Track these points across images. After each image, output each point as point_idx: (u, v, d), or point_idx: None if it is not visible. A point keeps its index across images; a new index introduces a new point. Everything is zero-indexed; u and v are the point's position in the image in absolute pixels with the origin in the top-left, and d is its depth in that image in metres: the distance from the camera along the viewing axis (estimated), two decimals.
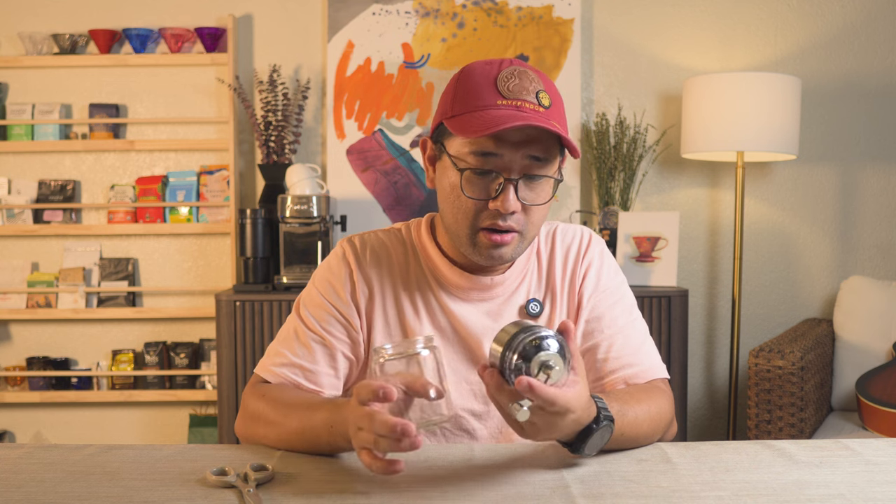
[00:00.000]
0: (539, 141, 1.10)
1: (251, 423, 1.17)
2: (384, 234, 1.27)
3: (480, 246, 1.14)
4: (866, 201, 3.03)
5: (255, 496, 0.92)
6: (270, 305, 2.63)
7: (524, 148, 1.09)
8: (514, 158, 1.09)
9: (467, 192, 1.12)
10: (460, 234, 1.15)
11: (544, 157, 1.11)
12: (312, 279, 1.26)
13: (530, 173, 1.11)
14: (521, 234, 1.14)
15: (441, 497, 0.93)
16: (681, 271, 3.03)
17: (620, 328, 1.23)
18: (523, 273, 1.25)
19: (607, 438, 1.02)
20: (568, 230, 1.29)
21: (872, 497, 0.92)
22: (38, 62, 3.00)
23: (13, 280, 3.04)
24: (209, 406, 3.03)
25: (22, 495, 0.95)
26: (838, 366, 2.72)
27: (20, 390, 3.03)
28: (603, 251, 1.29)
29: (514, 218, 1.12)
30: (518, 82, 1.10)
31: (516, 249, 1.16)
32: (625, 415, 1.05)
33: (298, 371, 1.20)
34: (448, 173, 1.14)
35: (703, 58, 3.02)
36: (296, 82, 3.02)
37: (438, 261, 1.23)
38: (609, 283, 1.26)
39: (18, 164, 3.06)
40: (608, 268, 1.28)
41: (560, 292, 1.25)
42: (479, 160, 1.10)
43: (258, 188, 3.05)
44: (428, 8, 3.00)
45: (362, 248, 1.24)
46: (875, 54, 2.99)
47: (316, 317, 1.21)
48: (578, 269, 1.26)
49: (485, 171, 1.10)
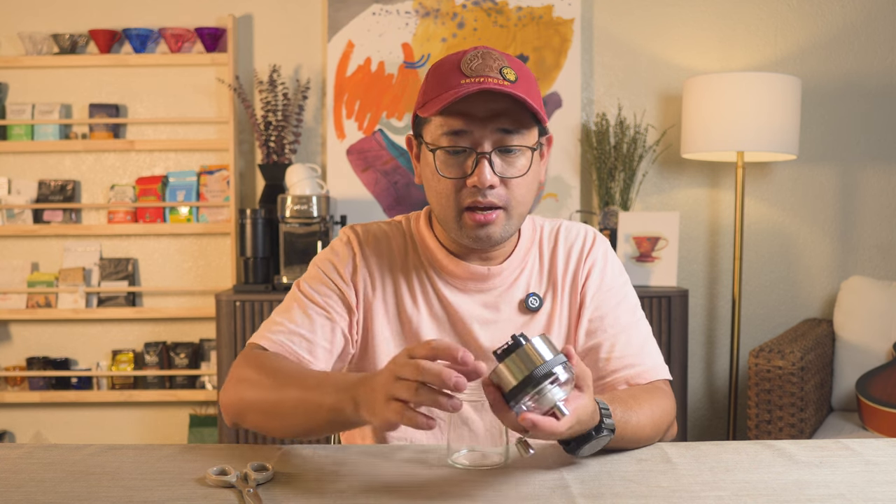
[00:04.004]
0: (507, 114, 1.12)
1: (239, 387, 1.12)
2: (386, 225, 1.29)
3: (466, 227, 1.15)
4: (866, 201, 3.03)
5: (255, 496, 0.92)
6: (270, 305, 2.63)
7: (492, 122, 1.12)
8: (484, 133, 1.12)
9: (442, 171, 1.14)
10: (447, 219, 1.17)
11: (514, 128, 1.13)
12: (314, 261, 1.26)
13: (503, 146, 1.13)
14: (505, 210, 1.15)
15: (441, 497, 0.93)
16: (681, 271, 3.03)
17: (623, 328, 1.23)
18: (522, 266, 1.25)
19: (604, 443, 1.03)
20: (573, 228, 1.29)
21: (872, 497, 0.92)
22: (38, 62, 3.00)
23: (13, 280, 3.04)
24: (209, 406, 3.03)
25: (22, 495, 0.95)
26: (838, 366, 2.72)
27: (20, 390, 3.03)
28: (607, 251, 1.29)
29: (494, 193, 1.13)
30: (481, 62, 1.12)
31: (505, 228, 1.16)
32: (627, 421, 1.05)
33: (297, 339, 1.18)
34: (427, 160, 1.17)
35: (703, 58, 3.02)
36: (296, 82, 3.02)
37: (436, 250, 1.24)
38: (613, 283, 1.26)
39: (18, 164, 3.06)
40: (612, 267, 1.28)
41: (561, 289, 1.25)
42: (450, 139, 1.13)
43: (258, 188, 3.05)
44: (428, 8, 3.00)
45: (365, 235, 1.26)
46: (875, 54, 2.99)
47: (317, 290, 1.21)
48: (582, 267, 1.26)
49: (458, 151, 1.13)
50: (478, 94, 1.10)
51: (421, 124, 1.18)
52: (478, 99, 1.11)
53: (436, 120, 1.14)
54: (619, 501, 0.91)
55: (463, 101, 1.10)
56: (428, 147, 1.16)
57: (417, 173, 1.23)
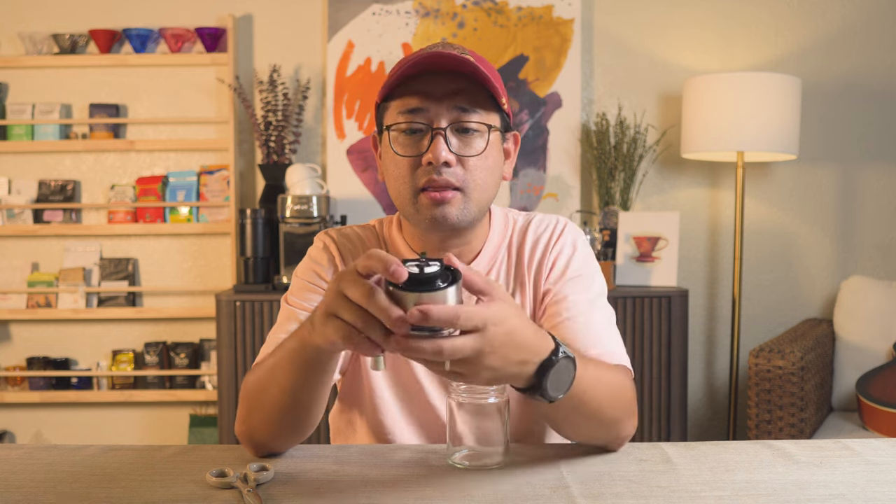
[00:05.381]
0: (465, 93, 1.12)
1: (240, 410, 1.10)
2: (360, 228, 1.29)
3: (422, 208, 1.13)
4: (866, 201, 3.03)
5: (254, 496, 0.92)
6: (270, 305, 2.63)
7: (449, 100, 1.11)
8: (440, 111, 1.11)
9: (398, 149, 1.13)
10: (403, 203, 1.15)
11: (471, 107, 1.12)
12: (295, 273, 1.26)
13: (459, 123, 1.12)
14: (462, 192, 1.12)
15: (441, 497, 0.93)
16: (681, 271, 3.03)
17: (581, 311, 1.17)
18: (492, 263, 1.23)
19: (571, 377, 0.93)
20: (543, 220, 1.26)
21: (872, 497, 0.92)
22: (38, 62, 3.00)
23: (13, 280, 3.04)
24: (209, 406, 3.03)
25: (22, 495, 0.95)
26: (838, 366, 2.72)
27: (20, 390, 3.03)
28: (576, 241, 1.24)
29: (450, 172, 1.11)
30: (441, 46, 1.13)
31: (462, 211, 1.13)
32: (585, 366, 0.97)
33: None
34: (386, 147, 1.16)
35: (703, 58, 3.02)
36: (296, 82, 3.02)
37: (406, 252, 1.23)
38: (578, 272, 1.21)
39: (18, 164, 3.06)
40: (579, 257, 1.23)
41: (527, 281, 1.22)
42: (407, 117, 1.12)
43: (258, 188, 3.05)
44: (428, 8, 3.00)
45: (341, 238, 1.26)
46: (875, 54, 2.99)
47: (302, 298, 1.21)
48: (547, 257, 1.22)
49: (414, 130, 1.12)
50: (435, 74, 1.10)
51: (382, 115, 1.18)
52: (435, 79, 1.11)
53: (394, 103, 1.14)
54: (619, 501, 0.91)
55: (420, 81, 1.11)
56: (387, 131, 1.15)
57: (381, 170, 1.22)
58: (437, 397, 1.21)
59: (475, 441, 1.03)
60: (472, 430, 1.03)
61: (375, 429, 1.23)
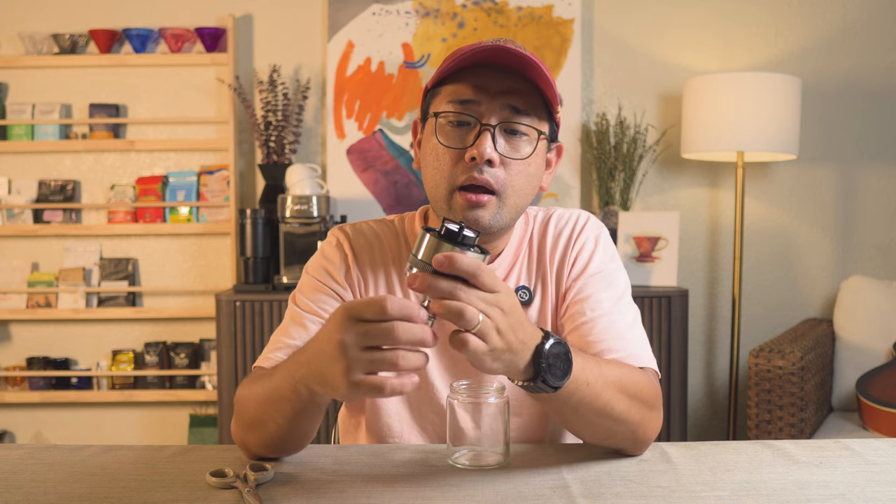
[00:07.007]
0: (520, 93, 1.09)
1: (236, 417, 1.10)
2: (376, 224, 1.26)
3: (456, 207, 1.09)
4: (866, 201, 3.03)
5: (254, 496, 0.92)
6: (270, 305, 2.63)
7: (503, 97, 1.08)
8: (492, 107, 1.08)
9: (442, 139, 1.10)
10: (438, 197, 1.12)
11: (524, 109, 1.09)
12: (306, 268, 1.23)
13: (510, 123, 1.09)
14: (499, 196, 1.09)
15: (441, 497, 0.93)
16: (681, 271, 3.03)
17: (605, 312, 1.14)
18: (514, 260, 1.22)
19: (568, 362, 0.93)
20: (564, 214, 1.25)
21: (872, 497, 0.92)
22: (38, 62, 3.00)
23: (13, 280, 3.04)
24: (209, 406, 3.03)
25: (22, 495, 0.95)
26: (838, 366, 2.72)
27: (20, 390, 3.03)
28: (599, 236, 1.22)
29: (491, 172, 1.08)
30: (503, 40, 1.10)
31: (495, 216, 1.10)
32: (585, 358, 0.97)
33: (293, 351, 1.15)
34: (430, 135, 1.13)
35: (703, 58, 3.02)
36: (296, 82, 3.02)
37: None
38: (600, 268, 1.19)
39: (18, 164, 3.06)
40: (602, 252, 1.21)
41: (549, 278, 1.20)
42: (457, 107, 1.09)
43: (258, 188, 3.05)
44: (428, 8, 3.00)
45: (355, 235, 1.23)
46: (875, 54, 2.99)
47: (312, 299, 1.18)
48: (569, 253, 1.20)
49: (462, 122, 1.09)
50: (492, 69, 1.07)
51: (429, 101, 1.15)
52: (492, 74, 1.08)
53: (446, 89, 1.11)
54: (619, 501, 0.91)
55: (476, 73, 1.08)
56: (433, 117, 1.11)
57: (417, 158, 1.19)
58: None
59: (475, 441, 1.03)
60: (472, 430, 1.03)
61: (383, 431, 1.22)
